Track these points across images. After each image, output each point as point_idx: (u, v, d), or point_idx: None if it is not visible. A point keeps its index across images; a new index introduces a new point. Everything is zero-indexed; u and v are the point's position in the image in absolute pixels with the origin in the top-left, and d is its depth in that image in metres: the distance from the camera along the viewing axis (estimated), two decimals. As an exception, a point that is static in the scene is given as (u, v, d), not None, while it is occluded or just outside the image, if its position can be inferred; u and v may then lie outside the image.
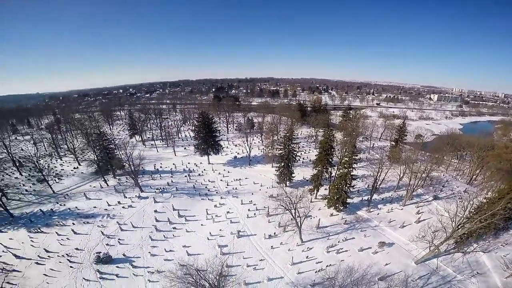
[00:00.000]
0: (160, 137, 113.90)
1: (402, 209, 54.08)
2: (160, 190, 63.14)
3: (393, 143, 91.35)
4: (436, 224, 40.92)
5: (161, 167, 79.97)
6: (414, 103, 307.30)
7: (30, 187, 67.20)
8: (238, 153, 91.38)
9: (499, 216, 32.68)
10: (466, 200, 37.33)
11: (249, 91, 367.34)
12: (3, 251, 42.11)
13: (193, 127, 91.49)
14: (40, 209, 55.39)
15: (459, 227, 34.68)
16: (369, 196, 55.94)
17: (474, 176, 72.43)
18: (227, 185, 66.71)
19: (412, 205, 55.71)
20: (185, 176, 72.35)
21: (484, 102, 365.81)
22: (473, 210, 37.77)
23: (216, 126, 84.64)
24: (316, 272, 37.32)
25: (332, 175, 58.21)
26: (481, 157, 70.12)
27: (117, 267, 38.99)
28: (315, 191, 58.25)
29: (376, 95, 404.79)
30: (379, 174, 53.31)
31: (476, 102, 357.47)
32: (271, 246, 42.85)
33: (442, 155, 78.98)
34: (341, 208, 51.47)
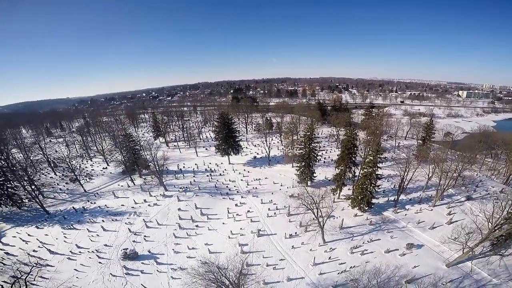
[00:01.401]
0: (183, 139, 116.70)
1: (431, 209, 51.34)
2: (184, 189, 64.65)
3: (420, 141, 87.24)
4: (470, 225, 38.41)
5: (184, 167, 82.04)
6: (441, 100, 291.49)
7: (64, 186, 71.78)
8: (257, 153, 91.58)
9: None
10: (503, 200, 34.76)
11: (266, 91, 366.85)
12: (39, 247, 45.15)
13: (214, 128, 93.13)
14: (73, 207, 59.03)
15: (496, 228, 32.30)
16: (396, 196, 53.69)
17: (512, 176, 67.40)
18: (247, 184, 67.05)
19: (442, 205, 52.72)
20: (207, 175, 73.71)
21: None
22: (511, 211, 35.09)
23: (236, 126, 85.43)
24: (339, 273, 36.41)
25: (355, 174, 56.61)
26: (519, 155, 65.17)
27: (143, 263, 40.45)
28: (338, 191, 56.89)
29: (399, 92, 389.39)
30: (406, 173, 50.99)
31: (510, 98, 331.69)
32: (292, 246, 42.36)
33: (475, 153, 74.27)
34: (366, 208, 49.93)
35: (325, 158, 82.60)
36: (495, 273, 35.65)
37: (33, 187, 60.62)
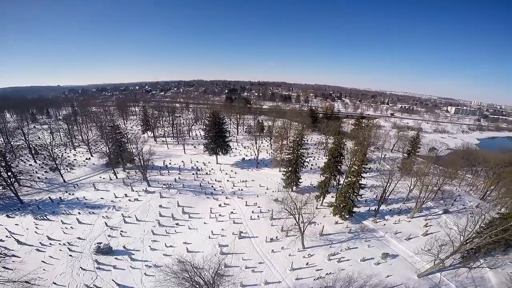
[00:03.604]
0: (172, 135, 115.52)
1: (410, 221, 52.36)
2: (167, 186, 63.81)
3: (406, 154, 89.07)
4: (444, 238, 39.35)
5: (170, 163, 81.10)
6: (430, 115, 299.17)
7: (43, 174, 69.64)
8: (246, 155, 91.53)
9: (511, 232, 31.07)
10: (477, 214, 35.81)
11: (261, 94, 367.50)
12: (6, 236, 43.45)
13: (204, 127, 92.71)
14: (49, 197, 57.19)
15: (468, 241, 33.21)
16: (377, 206, 54.48)
17: (488, 192, 69.61)
18: (233, 185, 66.73)
19: (420, 217, 53.80)
20: (193, 174, 72.95)
21: (504, 117, 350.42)
22: (484, 225, 36.18)
23: (226, 127, 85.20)
24: (314, 279, 36.49)
25: (340, 183, 57.22)
26: (497, 173, 67.52)
27: (116, 258, 39.35)
28: (322, 198, 57.32)
29: (390, 104, 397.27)
30: (388, 184, 51.94)
31: (495, 116, 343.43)
32: (272, 250, 42.28)
33: (456, 169, 76.43)
34: (347, 216, 50.46)
35: (312, 165, 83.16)
36: (462, 285, 36.52)
37: (9, 173, 58.32)
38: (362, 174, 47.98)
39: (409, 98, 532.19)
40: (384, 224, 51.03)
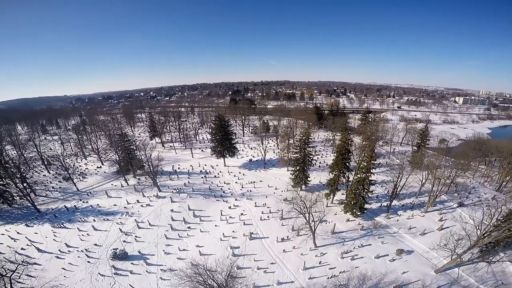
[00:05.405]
0: (179, 139, 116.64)
1: (423, 215, 51.50)
2: (177, 190, 64.41)
3: (415, 148, 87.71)
4: (460, 232, 38.56)
5: (178, 168, 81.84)
6: (437, 106, 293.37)
7: (57, 184, 71.35)
8: (253, 156, 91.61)
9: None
10: (494, 207, 34.98)
11: (264, 94, 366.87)
12: (27, 245, 44.74)
13: (210, 130, 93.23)
14: (65, 206, 58.66)
15: (485, 235, 32.39)
16: (389, 202, 53.88)
17: (504, 183, 67.86)
18: (242, 187, 66.92)
19: (434, 211, 52.84)
20: (202, 177, 73.47)
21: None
22: (501, 218, 35.29)
23: (232, 129, 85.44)
24: (328, 278, 36.32)
25: (349, 179, 56.74)
26: (512, 162, 65.81)
27: (132, 263, 40.13)
28: (331, 196, 56.98)
29: (397, 98, 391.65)
30: (399, 179, 51.29)
31: (505, 105, 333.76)
32: (283, 250, 42.29)
33: (469, 160, 74.90)
34: (358, 213, 50.00)
35: (320, 163, 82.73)
36: (482, 280, 35.78)
37: (25, 184, 60.04)
38: (371, 170, 47.51)
39: (415, 90, 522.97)
40: (397, 220, 50.40)
